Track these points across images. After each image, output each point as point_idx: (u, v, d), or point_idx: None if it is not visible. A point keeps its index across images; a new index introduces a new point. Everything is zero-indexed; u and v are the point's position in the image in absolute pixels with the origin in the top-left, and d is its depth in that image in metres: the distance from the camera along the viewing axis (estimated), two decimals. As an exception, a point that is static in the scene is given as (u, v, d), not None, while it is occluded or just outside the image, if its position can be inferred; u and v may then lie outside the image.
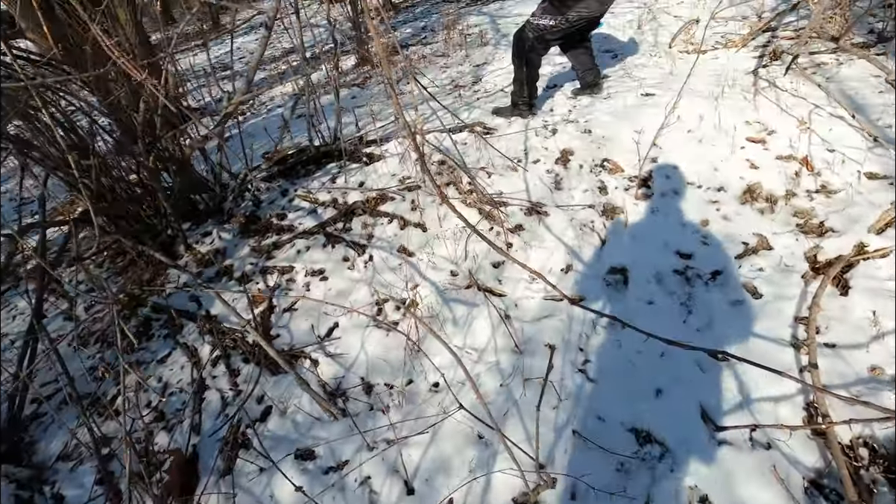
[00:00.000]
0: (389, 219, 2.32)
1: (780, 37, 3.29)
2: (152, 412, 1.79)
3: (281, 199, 2.67)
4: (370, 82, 4.57)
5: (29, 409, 1.91)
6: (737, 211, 1.99)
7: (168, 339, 2.07)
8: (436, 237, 2.16)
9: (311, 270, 2.18)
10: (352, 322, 1.90)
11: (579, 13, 2.43)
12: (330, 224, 2.38)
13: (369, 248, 2.20)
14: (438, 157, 2.55)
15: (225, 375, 1.84)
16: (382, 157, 2.68)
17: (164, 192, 2.20)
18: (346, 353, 1.81)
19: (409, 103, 3.59)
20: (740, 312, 1.66)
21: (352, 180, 2.60)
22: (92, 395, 1.88)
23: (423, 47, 5.36)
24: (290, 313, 2.03)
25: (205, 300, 2.19)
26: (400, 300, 1.95)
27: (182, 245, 2.48)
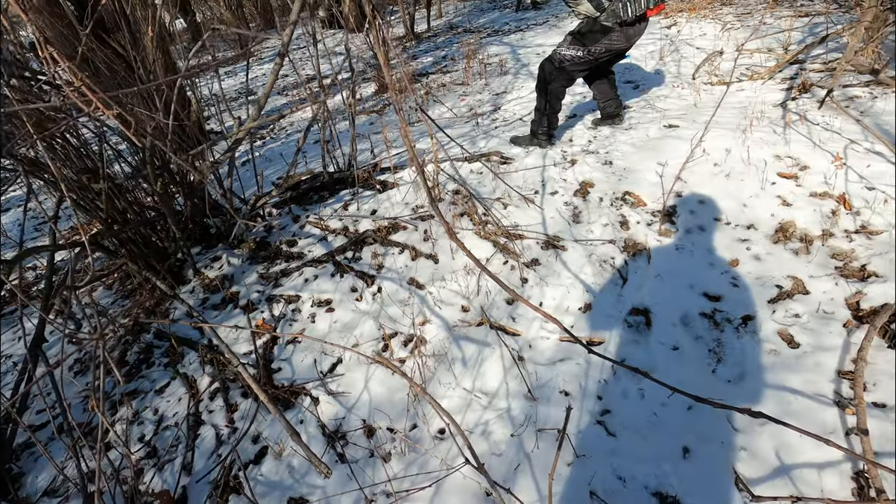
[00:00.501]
0: (401, 249, 2.25)
1: (809, 69, 3.19)
2: (144, 447, 1.71)
3: (292, 226, 2.63)
4: (388, 109, 4.59)
5: (22, 438, 1.85)
6: (769, 251, 1.87)
7: (168, 367, 2.01)
8: (448, 270, 2.08)
9: (318, 301, 2.11)
10: (356, 358, 1.81)
11: (606, 46, 2.38)
12: (339, 252, 2.32)
13: (378, 278, 2.13)
14: (453, 187, 2.48)
15: (222, 410, 1.75)
16: (396, 185, 2.63)
17: (175, 216, 2.17)
18: (349, 391, 1.71)
19: (424, 132, 3.57)
20: (775, 363, 1.52)
21: (364, 208, 2.55)
22: (84, 425, 1.81)
23: (443, 75, 5.39)
24: (294, 345, 1.95)
25: (207, 330, 2.12)
26: (407, 336, 1.86)
27: (191, 269, 2.45)
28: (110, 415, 1.86)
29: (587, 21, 2.39)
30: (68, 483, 1.60)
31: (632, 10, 2.28)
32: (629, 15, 2.29)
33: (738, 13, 4.79)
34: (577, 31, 2.45)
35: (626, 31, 2.39)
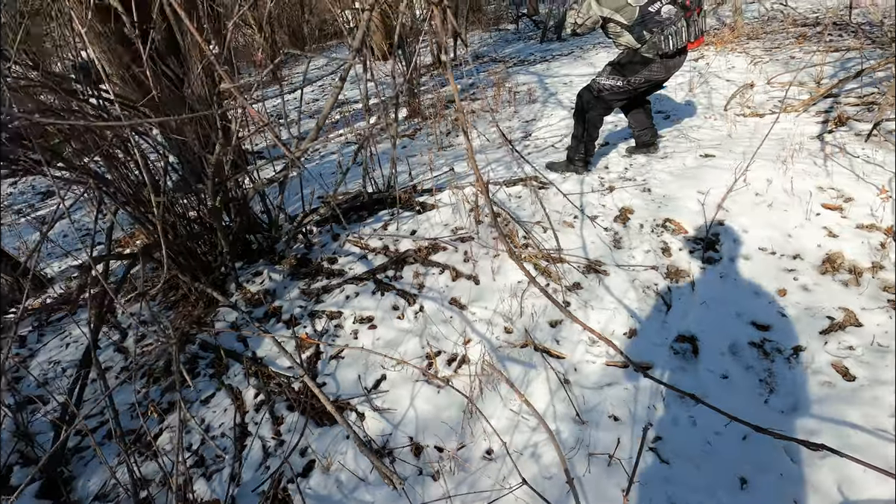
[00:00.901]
0: (441, 269, 2.28)
1: (844, 103, 3.21)
2: (192, 455, 1.73)
3: (332, 244, 2.69)
4: (420, 134, 4.70)
5: (72, 442, 1.89)
6: (816, 281, 1.86)
7: (213, 378, 2.04)
8: (489, 291, 2.10)
9: (360, 317, 2.14)
10: (401, 375, 1.83)
11: (646, 77, 2.44)
12: (380, 271, 2.36)
13: (420, 297, 2.16)
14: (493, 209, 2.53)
15: (268, 423, 1.78)
16: (435, 206, 2.69)
17: (224, 230, 2.25)
18: (394, 408, 1.73)
19: (459, 155, 3.65)
20: (830, 396, 1.50)
21: (403, 228, 2.60)
22: (135, 432, 1.84)
23: (472, 102, 5.52)
24: (337, 361, 1.97)
25: (252, 341, 2.17)
26: (451, 355, 1.88)
27: (233, 283, 2.51)
28: (157, 422, 1.89)
29: (627, 52, 2.46)
30: (118, 488, 1.63)
31: (673, 42, 2.34)
32: (670, 48, 2.35)
33: (767, 47, 4.85)
34: (617, 61, 2.52)
35: (667, 62, 2.44)
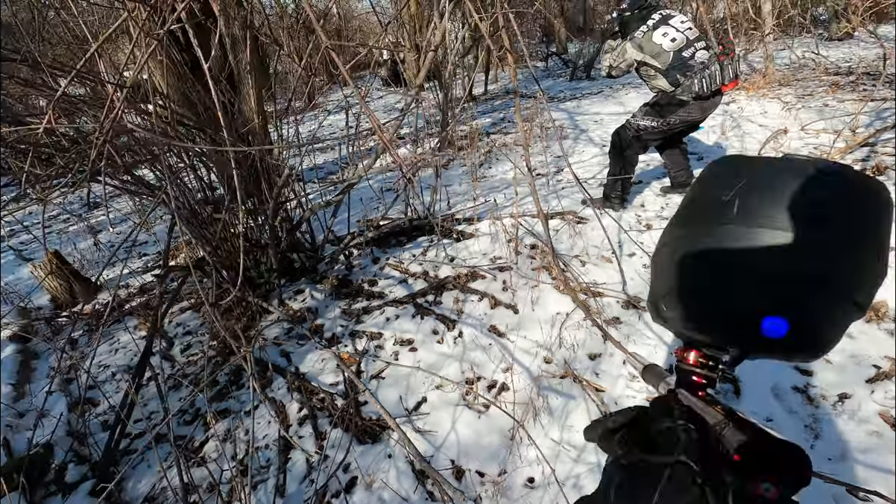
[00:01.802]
0: (480, 297, 2.34)
1: (882, 153, 3.23)
2: (237, 465, 1.78)
3: (372, 267, 2.78)
4: (453, 164, 4.84)
5: (121, 444, 1.96)
6: (861, 329, 1.86)
7: (256, 391, 2.11)
8: (528, 320, 2.15)
9: (401, 340, 2.20)
10: (441, 399, 1.87)
11: (681, 117, 2.52)
12: (420, 295, 2.43)
13: (459, 323, 2.21)
14: (531, 241, 2.59)
15: (311, 437, 1.82)
16: (474, 235, 2.77)
17: (276, 248, 2.36)
18: (435, 430, 1.76)
19: (495, 187, 3.75)
20: (879, 445, 1.49)
21: (442, 255, 2.68)
22: (186, 438, 1.91)
23: (503, 136, 5.67)
24: (378, 381, 2.02)
25: (294, 357, 2.24)
26: (491, 381, 1.91)
27: (277, 300, 2.60)
28: (203, 430, 1.95)
29: (663, 94, 2.55)
30: (168, 491, 1.68)
31: (706, 84, 2.42)
32: (704, 90, 2.43)
33: (799, 94, 4.92)
34: (653, 102, 2.60)
35: (702, 104, 2.52)
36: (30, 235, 4.81)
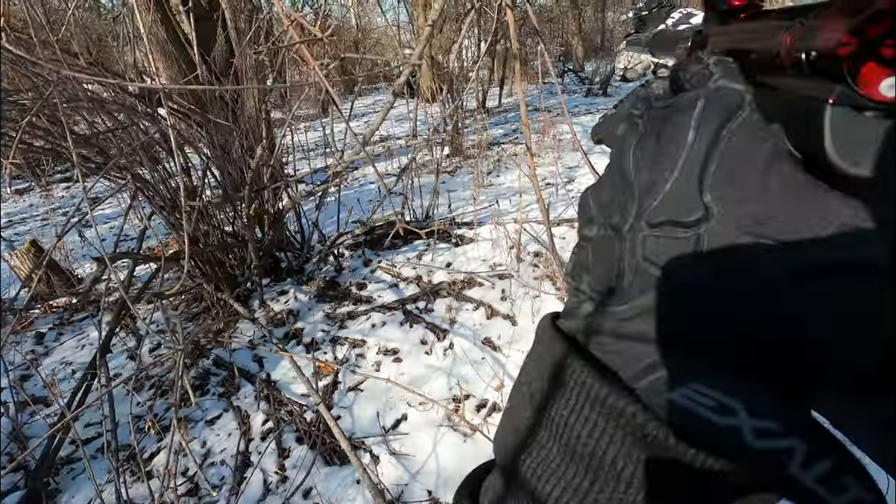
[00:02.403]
0: (476, 305, 2.12)
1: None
2: (187, 482, 1.57)
3: (363, 269, 2.58)
4: (461, 172, 4.67)
5: (64, 451, 1.76)
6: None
7: (222, 398, 1.90)
8: (527, 333, 1.92)
9: (385, 349, 1.99)
10: (424, 417, 1.64)
11: None
12: (410, 301, 2.22)
13: (451, 333, 1.99)
14: (535, 248, 2.38)
15: (273, 454, 1.61)
16: (474, 240, 2.56)
17: (255, 243, 2.17)
18: (413, 454, 1.53)
19: (501, 194, 3.55)
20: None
21: (439, 259, 2.48)
22: (131, 448, 1.70)
23: (514, 146, 5.51)
24: (356, 394, 1.81)
25: (267, 362, 2.03)
26: (481, 401, 1.69)
27: (258, 300, 2.41)
28: (156, 440, 1.75)
29: None
30: (103, 510, 1.47)
31: None
32: None
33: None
34: None
35: None
36: (25, 227, 4.72)
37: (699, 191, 0.18)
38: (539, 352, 0.22)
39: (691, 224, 0.18)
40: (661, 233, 0.19)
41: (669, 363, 0.17)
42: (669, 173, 0.19)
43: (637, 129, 0.22)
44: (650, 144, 0.21)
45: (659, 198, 0.19)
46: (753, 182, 0.18)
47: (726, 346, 0.17)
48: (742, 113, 0.19)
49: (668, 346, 0.18)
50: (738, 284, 0.17)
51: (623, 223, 0.20)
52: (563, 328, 0.22)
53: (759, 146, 0.18)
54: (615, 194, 0.21)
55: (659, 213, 0.19)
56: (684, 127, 0.19)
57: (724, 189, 0.18)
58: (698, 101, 0.20)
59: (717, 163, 0.18)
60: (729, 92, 0.19)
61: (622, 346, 0.19)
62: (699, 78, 0.21)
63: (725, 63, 0.21)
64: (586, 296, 0.21)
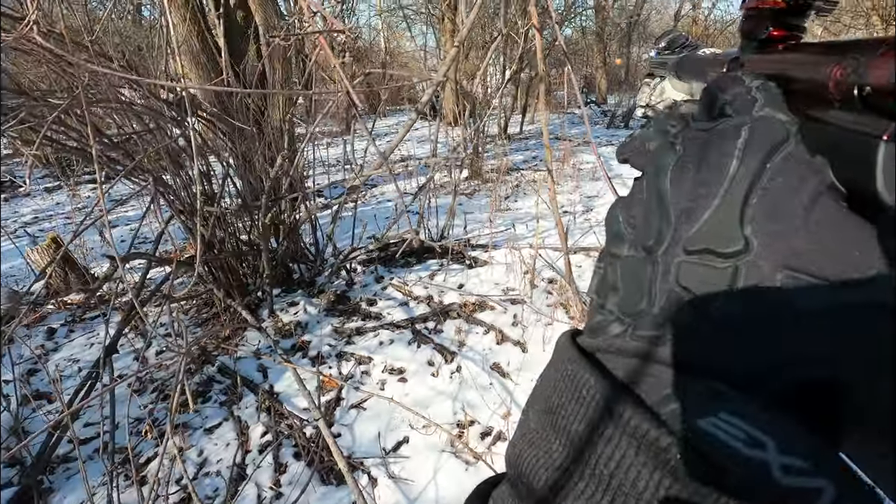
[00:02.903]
0: (486, 329, 2.08)
1: None
2: (180, 491, 1.53)
3: (374, 285, 2.56)
4: (478, 195, 4.67)
5: (62, 449, 1.74)
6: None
7: (223, 406, 1.87)
8: (537, 362, 1.87)
9: (391, 367, 1.95)
10: (426, 441, 1.59)
11: None
12: (420, 321, 2.19)
13: (459, 356, 1.95)
14: (549, 275, 2.34)
15: (269, 468, 1.56)
16: (488, 263, 2.53)
17: (269, 252, 2.18)
18: (412, 479, 1.48)
19: (518, 218, 3.53)
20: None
21: (451, 280, 2.45)
22: (127, 452, 1.67)
23: (533, 172, 5.52)
24: (358, 411, 1.76)
25: (272, 373, 2.01)
26: (486, 428, 1.63)
27: (267, 310, 2.40)
28: (153, 445, 1.72)
29: None
30: (93, 514, 1.44)
31: None
32: None
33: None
34: None
35: None
36: (50, 224, 4.84)
37: (740, 222, 0.18)
38: (565, 375, 0.20)
39: (730, 255, 0.18)
40: (699, 260, 0.18)
41: (698, 390, 0.17)
42: (709, 201, 0.19)
43: (674, 150, 0.21)
44: (690, 168, 0.20)
45: (697, 225, 0.19)
46: (797, 217, 0.17)
47: (758, 380, 0.17)
48: (787, 146, 0.18)
49: (697, 374, 0.17)
50: (774, 319, 0.17)
51: (657, 246, 0.20)
52: (585, 345, 0.21)
53: (804, 180, 0.18)
54: (649, 215, 0.21)
55: (696, 240, 0.19)
56: (728, 155, 0.19)
57: (766, 222, 0.18)
58: (743, 129, 0.19)
59: (759, 195, 0.18)
60: (774, 122, 0.19)
61: (650, 370, 0.18)
62: (741, 103, 0.21)
63: (769, 90, 0.21)
64: (614, 316, 0.21)
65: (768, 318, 0.17)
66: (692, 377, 0.17)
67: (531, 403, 0.22)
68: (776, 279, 0.17)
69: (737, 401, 0.16)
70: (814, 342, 0.16)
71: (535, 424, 0.21)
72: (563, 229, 1.26)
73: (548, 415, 0.20)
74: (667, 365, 0.18)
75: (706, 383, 0.17)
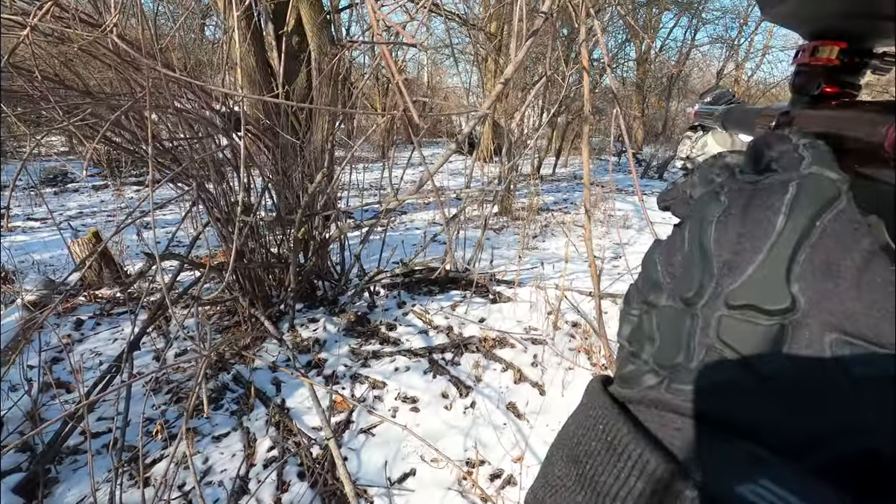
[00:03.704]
0: (504, 367, 2.03)
1: None
2: (180, 497, 1.51)
3: (395, 310, 2.55)
4: (507, 231, 4.68)
5: (72, 440, 1.75)
6: None
7: (234, 416, 1.86)
8: (555, 406, 1.81)
9: (404, 395, 1.91)
10: (433, 475, 1.54)
11: None
12: (438, 351, 2.16)
13: (475, 391, 1.90)
14: (573, 319, 2.29)
15: (272, 485, 1.53)
16: (512, 299, 2.50)
17: (297, 266, 2.20)
18: (416, 514, 1.42)
19: (545, 258, 3.51)
20: None
21: (473, 313, 2.42)
22: (135, 451, 1.67)
23: (564, 214, 5.51)
24: (367, 437, 1.73)
25: (285, 387, 2.00)
26: (496, 470, 1.57)
27: (288, 324, 2.41)
28: (161, 447, 1.71)
29: None
30: (93, 510, 1.43)
31: None
32: None
33: None
34: None
35: None
36: (93, 220, 5.05)
37: (786, 280, 0.17)
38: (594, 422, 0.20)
39: (776, 313, 0.17)
40: (741, 316, 0.18)
41: (738, 454, 0.16)
42: (754, 255, 0.18)
43: (719, 201, 0.21)
44: (734, 221, 0.19)
45: (741, 279, 0.18)
46: (848, 277, 0.17)
47: (803, 448, 0.16)
48: (838, 204, 0.18)
49: (737, 435, 0.17)
50: (823, 385, 0.16)
51: (697, 298, 0.19)
52: (617, 395, 0.21)
53: (856, 240, 0.17)
54: (690, 266, 0.20)
55: (740, 295, 0.18)
56: (774, 210, 0.18)
57: (815, 281, 0.17)
58: (790, 184, 0.19)
59: (807, 252, 0.17)
60: (823, 180, 0.18)
61: (685, 426, 0.18)
62: (788, 160, 0.20)
63: (818, 148, 0.20)
64: (648, 367, 0.20)
65: (817, 382, 0.16)
66: (731, 438, 0.17)
67: (556, 449, 0.22)
68: (825, 341, 0.16)
69: (778, 468, 0.15)
70: (866, 412, 0.15)
71: (559, 472, 0.21)
72: (597, 272, 1.24)
73: (574, 464, 0.20)
74: (703, 422, 0.17)
75: (746, 446, 0.16)
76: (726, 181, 0.22)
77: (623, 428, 0.19)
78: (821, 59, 0.27)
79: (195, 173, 2.06)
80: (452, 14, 5.94)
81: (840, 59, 0.27)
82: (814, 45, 0.27)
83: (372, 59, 6.56)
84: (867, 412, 0.15)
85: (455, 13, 6.12)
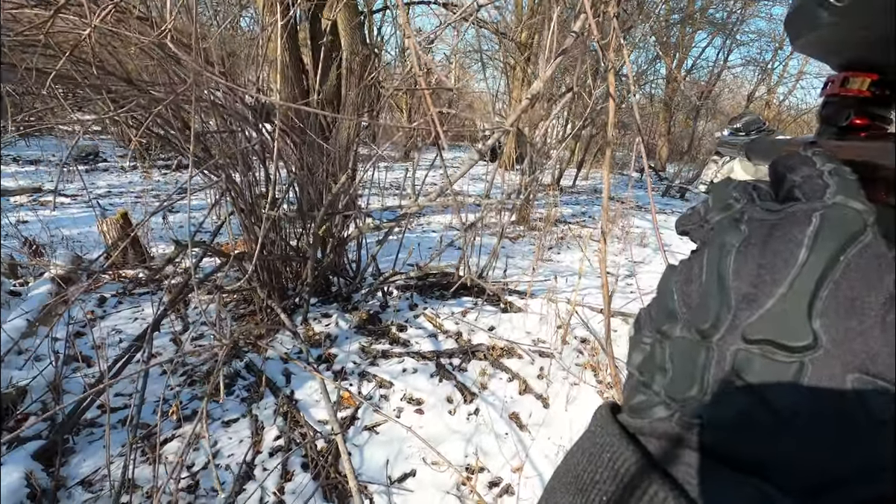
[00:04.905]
0: (511, 377, 2.06)
1: None
2: (188, 477, 1.57)
3: (407, 312, 2.59)
4: (522, 241, 4.69)
5: (90, 414, 1.82)
6: None
7: (244, 403, 1.92)
8: (557, 419, 1.82)
9: (410, 397, 1.95)
10: (433, 478, 1.57)
11: None
12: (446, 356, 2.19)
13: (479, 399, 1.93)
14: (582, 334, 2.30)
15: (276, 473, 1.58)
16: (522, 310, 2.52)
17: (314, 262, 2.26)
18: (413, 514, 1.46)
19: (559, 271, 3.51)
20: None
21: (483, 321, 2.45)
22: (150, 428, 1.73)
23: (581, 228, 5.49)
24: (371, 434, 1.77)
25: (295, 380, 2.05)
26: (495, 478, 1.59)
27: (301, 317, 2.47)
28: (174, 427, 1.77)
29: None
30: (105, 482, 1.49)
31: None
32: None
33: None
34: None
35: None
36: (121, 200, 5.19)
37: (808, 315, 0.17)
38: (601, 450, 0.20)
39: (796, 350, 0.16)
40: (759, 351, 0.17)
41: (748, 492, 0.16)
42: (774, 288, 0.17)
43: (739, 230, 0.20)
44: (755, 252, 0.19)
45: (759, 313, 0.17)
46: (873, 315, 0.16)
47: (819, 490, 0.16)
48: (864, 238, 0.17)
49: (748, 472, 0.16)
50: (843, 427, 0.16)
51: (713, 331, 0.18)
52: (627, 425, 0.20)
53: (881, 276, 0.16)
54: (707, 297, 0.19)
55: (758, 329, 0.17)
56: (796, 243, 0.18)
57: (838, 318, 0.16)
58: (814, 216, 0.18)
59: (831, 288, 0.17)
60: (849, 212, 0.18)
61: (695, 461, 0.17)
62: (811, 187, 0.19)
63: (843, 175, 0.19)
64: (660, 399, 0.20)
65: (837, 424, 0.16)
66: (743, 476, 0.16)
67: (560, 476, 0.22)
68: (847, 381, 0.16)
69: None
70: (882, 453, 0.15)
71: (563, 500, 0.20)
72: (609, 292, 1.26)
73: (579, 494, 0.19)
74: (715, 458, 0.17)
75: (757, 485, 0.16)
76: (746, 207, 0.21)
77: (631, 457, 0.18)
78: (851, 90, 0.27)
79: (223, 163, 2.13)
80: (485, 23, 5.97)
81: (871, 91, 0.26)
82: (844, 76, 0.27)
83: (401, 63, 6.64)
84: (883, 455, 0.15)
85: (487, 22, 6.14)
